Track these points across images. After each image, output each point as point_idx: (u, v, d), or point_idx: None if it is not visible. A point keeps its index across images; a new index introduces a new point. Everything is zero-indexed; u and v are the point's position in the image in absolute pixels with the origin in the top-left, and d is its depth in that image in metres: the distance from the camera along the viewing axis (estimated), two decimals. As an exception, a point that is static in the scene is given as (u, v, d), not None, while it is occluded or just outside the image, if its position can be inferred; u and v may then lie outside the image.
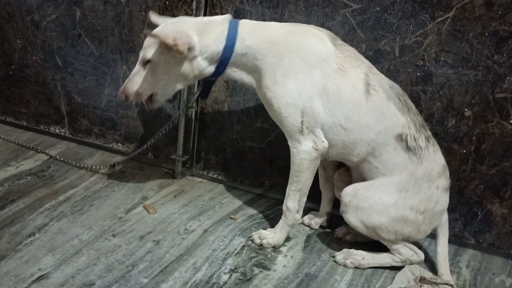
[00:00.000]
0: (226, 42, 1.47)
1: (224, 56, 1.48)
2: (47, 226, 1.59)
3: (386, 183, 1.49)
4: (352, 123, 1.46)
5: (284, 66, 1.44)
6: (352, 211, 1.50)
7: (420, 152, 1.47)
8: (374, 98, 1.45)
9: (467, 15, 1.55)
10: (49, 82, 2.18)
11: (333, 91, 1.44)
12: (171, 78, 1.51)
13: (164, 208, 1.77)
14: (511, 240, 1.69)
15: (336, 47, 1.47)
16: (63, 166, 1.99)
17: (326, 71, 1.44)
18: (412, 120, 1.48)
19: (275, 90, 1.46)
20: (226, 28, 1.48)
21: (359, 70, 1.47)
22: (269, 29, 1.50)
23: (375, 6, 1.63)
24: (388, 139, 1.47)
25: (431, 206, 1.48)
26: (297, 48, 1.45)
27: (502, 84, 1.57)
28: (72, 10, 2.03)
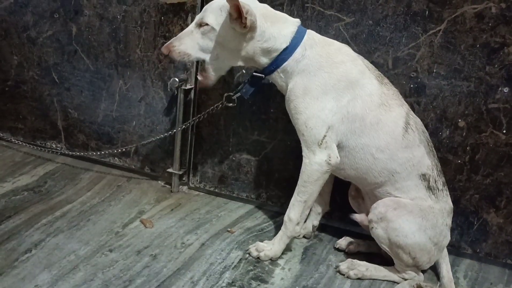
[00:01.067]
0: (289, 44, 1.51)
1: (282, 56, 1.52)
2: (44, 242, 1.58)
3: (412, 205, 1.51)
4: (384, 154, 1.51)
5: (331, 84, 1.49)
6: (384, 223, 1.51)
7: (437, 193, 1.54)
8: (410, 137, 1.52)
9: (458, 27, 1.57)
10: (45, 98, 2.18)
11: (371, 123, 1.50)
12: (224, 50, 1.52)
13: (161, 222, 1.77)
14: (508, 250, 1.70)
15: (382, 85, 1.53)
16: (60, 181, 1.99)
17: (368, 105, 1.50)
18: (436, 165, 1.56)
19: (310, 101, 1.50)
20: (295, 31, 1.52)
21: (402, 109, 1.54)
22: (331, 46, 1.55)
23: (367, 19, 1.66)
24: (412, 176, 1.53)
25: (441, 240, 1.54)
26: (347, 76, 1.50)
27: (494, 95, 1.59)
28: (68, 26, 2.05)
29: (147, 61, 1.98)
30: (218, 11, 1.48)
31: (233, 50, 1.52)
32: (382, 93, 1.52)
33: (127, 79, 2.03)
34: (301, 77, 1.51)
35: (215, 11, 1.49)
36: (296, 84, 1.52)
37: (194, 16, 1.84)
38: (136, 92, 2.03)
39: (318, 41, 1.55)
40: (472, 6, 1.54)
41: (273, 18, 1.52)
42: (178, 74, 1.93)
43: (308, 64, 1.51)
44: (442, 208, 1.53)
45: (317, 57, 1.51)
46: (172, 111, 2.00)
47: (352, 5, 1.66)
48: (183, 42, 1.53)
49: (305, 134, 1.52)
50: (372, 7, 1.64)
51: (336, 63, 1.51)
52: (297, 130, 1.55)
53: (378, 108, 1.50)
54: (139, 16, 1.93)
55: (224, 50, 1.53)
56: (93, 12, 1.99)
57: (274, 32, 1.51)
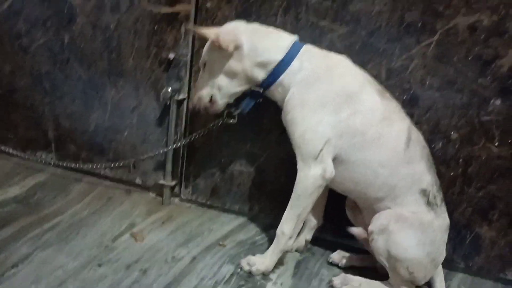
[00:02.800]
0: (285, 56, 1.51)
1: (278, 68, 1.52)
2: (31, 256, 1.55)
3: (413, 218, 1.49)
4: (385, 169, 1.50)
5: (330, 97, 1.48)
6: (385, 235, 1.49)
7: (436, 208, 1.52)
8: (411, 152, 1.50)
9: (451, 39, 1.57)
10: (37, 107, 2.16)
11: (373, 137, 1.48)
12: (223, 77, 1.57)
13: (151, 235, 1.75)
14: (500, 264, 1.69)
15: (384, 99, 1.52)
16: (49, 192, 1.96)
17: (368, 119, 1.49)
18: (435, 181, 1.54)
19: (307, 114, 1.49)
20: (291, 43, 1.53)
21: (405, 123, 1.52)
22: (331, 59, 1.55)
23: (361, 30, 1.65)
24: (413, 191, 1.51)
25: (438, 256, 1.52)
26: (347, 89, 1.49)
27: (487, 107, 1.58)
28: (61, 35, 2.03)
29: (140, 70, 1.96)
30: (207, 46, 1.59)
31: (233, 73, 1.55)
32: (383, 107, 1.50)
33: (120, 88, 2.01)
34: (299, 88, 1.51)
35: (206, 47, 1.60)
36: (294, 96, 1.51)
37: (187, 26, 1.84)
38: (128, 102, 2.02)
39: (316, 54, 1.55)
40: (465, 18, 1.54)
41: (264, 33, 1.55)
42: (171, 83, 1.91)
43: (306, 75, 1.50)
44: (440, 224, 1.52)
45: (316, 69, 1.51)
46: (164, 122, 1.98)
47: (345, 16, 1.65)
48: (198, 87, 1.65)
49: (301, 147, 1.50)
50: (365, 18, 1.63)
51: (335, 75, 1.50)
52: (293, 143, 1.53)
53: (379, 123, 1.49)
54: (132, 25, 1.92)
55: (224, 76, 1.57)
56: (86, 21, 1.98)
57: (267, 45, 1.52)
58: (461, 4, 1.53)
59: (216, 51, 1.53)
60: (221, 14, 1.79)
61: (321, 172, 1.49)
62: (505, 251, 1.67)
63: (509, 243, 1.66)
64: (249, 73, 1.55)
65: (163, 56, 1.91)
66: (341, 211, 1.73)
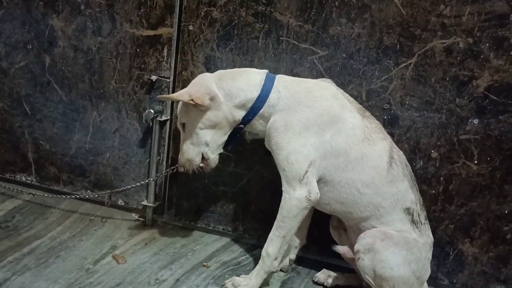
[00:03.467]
0: (261, 91, 1.53)
1: (256, 104, 1.53)
2: (9, 281, 1.51)
3: (398, 237, 1.50)
4: (369, 189, 1.51)
5: (312, 119, 1.50)
6: (371, 254, 1.49)
7: (421, 226, 1.54)
8: (394, 171, 1.52)
9: (428, 61, 1.62)
10: (16, 129, 2.13)
11: (355, 157, 1.50)
12: (207, 131, 1.57)
13: (134, 257, 1.72)
14: (484, 280, 1.71)
15: (364, 118, 1.55)
16: (29, 215, 1.92)
17: (351, 139, 1.51)
18: (419, 199, 1.56)
19: (292, 137, 1.50)
20: (263, 78, 1.55)
21: (385, 142, 1.55)
22: (307, 83, 1.57)
23: (341, 52, 1.69)
24: (397, 210, 1.53)
25: (423, 274, 1.53)
26: (328, 109, 1.51)
27: (465, 127, 1.63)
28: (42, 57, 2.02)
29: (122, 92, 1.96)
30: (181, 108, 1.59)
31: (216, 124, 1.56)
32: (365, 126, 1.53)
33: (102, 110, 2.00)
34: (281, 114, 1.52)
35: (181, 108, 1.59)
36: (276, 121, 1.52)
37: (170, 48, 1.85)
38: (110, 124, 2.01)
39: (291, 81, 1.57)
40: (441, 41, 1.60)
41: (233, 75, 1.57)
42: (153, 105, 1.91)
43: (287, 102, 1.52)
44: (425, 242, 1.53)
45: (295, 94, 1.53)
46: (147, 143, 1.97)
47: (325, 38, 1.69)
48: (183, 151, 1.62)
49: (286, 169, 1.51)
50: (345, 41, 1.68)
51: (316, 97, 1.52)
52: (278, 166, 1.54)
53: (361, 143, 1.51)
54: (114, 47, 1.93)
55: (209, 131, 1.57)
56: (67, 44, 1.98)
57: (240, 86, 1.54)
58: (437, 27, 1.59)
59: (192, 109, 1.54)
60: (203, 37, 1.81)
61: (306, 194, 1.50)
62: (487, 267, 1.69)
63: (491, 259, 1.68)
64: (230, 118, 1.56)
65: (145, 78, 1.92)
66: (326, 230, 1.74)
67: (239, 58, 1.79)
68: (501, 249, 1.67)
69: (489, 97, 1.59)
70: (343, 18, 1.66)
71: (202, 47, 1.83)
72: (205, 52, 1.83)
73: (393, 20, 1.62)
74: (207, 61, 1.83)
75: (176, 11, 1.82)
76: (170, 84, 1.89)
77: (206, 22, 1.80)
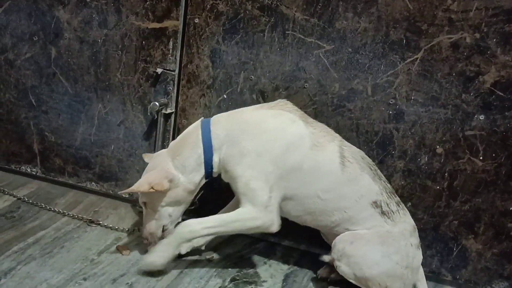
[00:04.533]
0: (203, 146, 1.53)
1: (206, 157, 1.54)
2: (14, 271, 1.52)
3: (369, 234, 1.51)
4: (330, 194, 1.51)
5: (257, 145, 1.49)
6: (345, 259, 1.50)
7: (393, 215, 1.53)
8: (349, 169, 1.52)
9: (434, 56, 1.61)
10: (21, 121, 2.14)
11: (309, 167, 1.50)
12: (169, 207, 1.58)
13: (138, 249, 1.72)
14: (487, 276, 1.70)
15: (308, 124, 1.55)
16: (34, 206, 1.93)
17: (302, 149, 1.50)
18: (384, 188, 1.55)
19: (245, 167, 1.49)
20: (199, 133, 1.55)
21: (334, 144, 1.54)
22: (243, 114, 1.57)
23: (347, 47, 1.68)
24: (364, 207, 1.52)
25: (410, 261, 1.52)
26: (271, 129, 1.51)
27: (470, 122, 1.62)
28: (48, 49, 2.03)
29: (127, 85, 1.97)
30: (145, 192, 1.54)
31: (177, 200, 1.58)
32: (310, 133, 1.52)
33: (107, 102, 2.01)
34: (228, 150, 1.52)
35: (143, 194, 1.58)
36: (227, 154, 1.52)
37: (175, 41, 1.85)
38: (115, 116, 2.01)
39: (227, 116, 1.58)
40: (448, 36, 1.59)
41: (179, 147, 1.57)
42: (158, 98, 1.92)
43: (232, 141, 1.52)
44: (402, 229, 1.52)
45: (235, 126, 1.53)
46: (151, 136, 1.98)
47: (332, 33, 1.69)
48: (146, 225, 1.61)
49: (249, 195, 1.49)
50: (351, 35, 1.67)
51: (257, 122, 1.53)
52: (239, 193, 1.52)
53: (310, 150, 1.51)
54: (120, 40, 1.93)
55: (171, 206, 1.59)
56: (73, 35, 1.98)
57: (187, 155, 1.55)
58: (444, 22, 1.58)
59: (153, 192, 1.52)
60: (209, 30, 1.81)
61: (270, 224, 1.51)
62: (491, 263, 1.69)
63: (495, 256, 1.68)
64: (192, 186, 1.57)
65: (150, 71, 1.92)
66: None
67: (244, 52, 1.79)
68: (505, 246, 1.66)
69: (495, 93, 1.58)
70: (350, 12, 1.65)
71: (208, 40, 1.82)
72: (211, 45, 1.82)
73: (400, 14, 1.61)
74: (212, 54, 1.83)
75: (182, 4, 1.82)
76: (175, 77, 1.90)
77: (212, 15, 1.80)
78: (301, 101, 1.77)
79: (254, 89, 1.82)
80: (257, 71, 1.80)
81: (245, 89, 1.83)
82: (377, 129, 1.71)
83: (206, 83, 1.87)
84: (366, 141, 1.73)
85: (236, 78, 1.83)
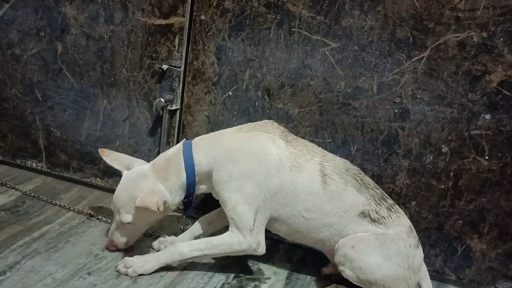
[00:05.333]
0: (186, 172, 1.54)
1: (189, 182, 1.55)
2: (19, 264, 1.52)
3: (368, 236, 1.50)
4: (313, 213, 1.52)
5: (241, 170, 1.50)
6: (348, 264, 1.49)
7: (385, 221, 1.53)
8: (331, 187, 1.51)
9: (441, 55, 1.61)
10: (27, 116, 2.15)
11: (290, 189, 1.51)
12: (148, 223, 1.63)
13: (142, 245, 1.73)
14: (491, 276, 1.70)
15: (288, 143, 1.54)
16: (39, 201, 1.94)
17: (282, 172, 1.50)
18: (372, 196, 1.54)
19: (232, 191, 1.51)
20: (181, 158, 1.55)
21: (314, 162, 1.53)
22: (223, 138, 1.56)
23: (353, 45, 1.68)
24: (351, 219, 1.52)
25: (411, 262, 1.51)
26: (252, 154, 1.51)
27: (476, 122, 1.61)
28: (54, 44, 2.04)
29: (133, 81, 1.97)
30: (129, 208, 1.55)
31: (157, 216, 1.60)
32: (290, 153, 1.52)
33: (112, 98, 2.01)
34: (216, 173, 1.53)
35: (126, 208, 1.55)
36: (215, 179, 1.53)
37: (181, 38, 1.85)
38: (120, 112, 2.02)
39: (208, 141, 1.57)
40: (455, 35, 1.58)
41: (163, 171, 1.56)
42: (164, 94, 1.92)
43: (214, 167, 1.53)
44: (397, 232, 1.51)
45: (217, 156, 1.53)
46: (156, 132, 1.98)
47: (338, 30, 1.68)
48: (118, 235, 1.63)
49: (235, 219, 1.51)
50: (357, 33, 1.67)
51: (238, 147, 1.52)
52: (227, 214, 1.54)
53: (290, 172, 1.51)
54: (126, 36, 1.93)
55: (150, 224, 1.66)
56: (79, 31, 1.99)
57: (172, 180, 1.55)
58: (451, 21, 1.57)
59: (144, 212, 1.52)
60: (215, 27, 1.81)
61: (255, 246, 1.52)
62: (495, 263, 1.68)
63: (499, 256, 1.67)
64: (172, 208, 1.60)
65: (156, 67, 1.92)
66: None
67: (250, 49, 1.79)
68: (509, 246, 1.66)
69: (502, 92, 1.57)
70: (356, 10, 1.65)
71: (214, 37, 1.82)
72: (217, 42, 1.82)
73: (407, 13, 1.61)
74: (218, 51, 1.83)
75: (188, 1, 1.82)
76: (180, 73, 1.90)
77: (218, 12, 1.80)
78: (306, 98, 1.77)
79: (260, 87, 1.82)
80: (263, 68, 1.80)
81: (250, 86, 1.83)
82: (383, 127, 1.71)
83: (212, 80, 1.87)
84: (371, 139, 1.73)
85: (242, 75, 1.83)
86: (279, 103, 1.81)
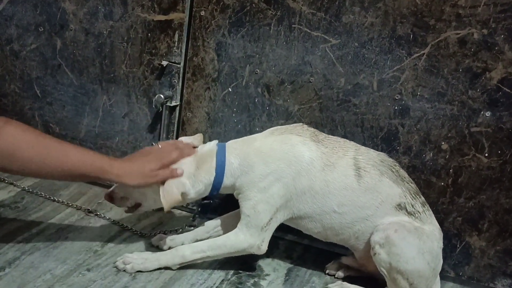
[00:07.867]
0: (216, 172, 1.54)
1: (216, 182, 1.55)
2: (18, 260, 1.52)
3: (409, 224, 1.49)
4: (346, 206, 1.50)
5: (271, 171, 1.50)
6: (387, 247, 1.47)
7: (420, 215, 1.52)
8: (366, 179, 1.50)
9: (441, 51, 1.60)
10: (26, 112, 2.14)
11: (321, 188, 1.50)
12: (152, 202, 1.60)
13: (142, 241, 1.73)
14: (490, 273, 1.70)
15: (319, 143, 1.54)
16: (38, 197, 1.93)
17: (312, 173, 1.50)
18: (407, 189, 1.53)
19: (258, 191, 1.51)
20: (214, 158, 1.55)
21: (347, 157, 1.53)
22: (255, 142, 1.57)
23: (353, 41, 1.68)
24: (387, 211, 1.51)
25: (437, 264, 1.51)
26: (282, 156, 1.51)
27: (476, 119, 1.61)
28: (53, 40, 2.03)
29: (132, 77, 1.96)
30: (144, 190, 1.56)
31: None
32: (321, 154, 1.52)
33: (112, 94, 2.01)
34: (245, 175, 1.53)
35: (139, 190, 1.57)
36: (243, 181, 1.53)
37: (181, 34, 1.85)
38: (120, 108, 2.01)
39: (241, 144, 1.58)
40: (455, 32, 1.58)
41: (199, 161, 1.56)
42: (163, 91, 1.91)
43: (244, 168, 1.53)
44: (431, 230, 1.51)
45: (248, 158, 1.53)
46: (156, 128, 1.98)
47: (338, 27, 1.68)
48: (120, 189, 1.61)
49: (251, 216, 1.51)
50: (357, 29, 1.66)
51: (269, 150, 1.52)
52: (243, 212, 1.54)
53: (322, 172, 1.50)
54: (125, 32, 1.93)
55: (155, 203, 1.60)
56: (79, 27, 1.98)
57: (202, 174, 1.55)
58: (451, 18, 1.57)
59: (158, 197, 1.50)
60: (215, 23, 1.81)
61: (259, 243, 1.52)
62: (494, 260, 1.69)
63: (498, 253, 1.68)
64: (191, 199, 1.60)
65: (156, 63, 1.92)
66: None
67: (250, 45, 1.78)
68: (509, 243, 1.66)
69: (502, 90, 1.57)
70: (357, 7, 1.64)
71: (214, 33, 1.82)
72: (216, 38, 1.82)
73: (407, 9, 1.60)
74: (218, 47, 1.82)
75: (188, -4, 1.81)
76: (180, 69, 1.89)
77: (218, 8, 1.79)
78: (306, 95, 1.76)
79: (260, 83, 1.81)
80: (263, 64, 1.79)
81: (250, 83, 1.82)
82: (382, 124, 1.71)
83: (211, 76, 1.87)
84: (371, 136, 1.73)
85: (242, 71, 1.82)
86: (279, 100, 1.80)
